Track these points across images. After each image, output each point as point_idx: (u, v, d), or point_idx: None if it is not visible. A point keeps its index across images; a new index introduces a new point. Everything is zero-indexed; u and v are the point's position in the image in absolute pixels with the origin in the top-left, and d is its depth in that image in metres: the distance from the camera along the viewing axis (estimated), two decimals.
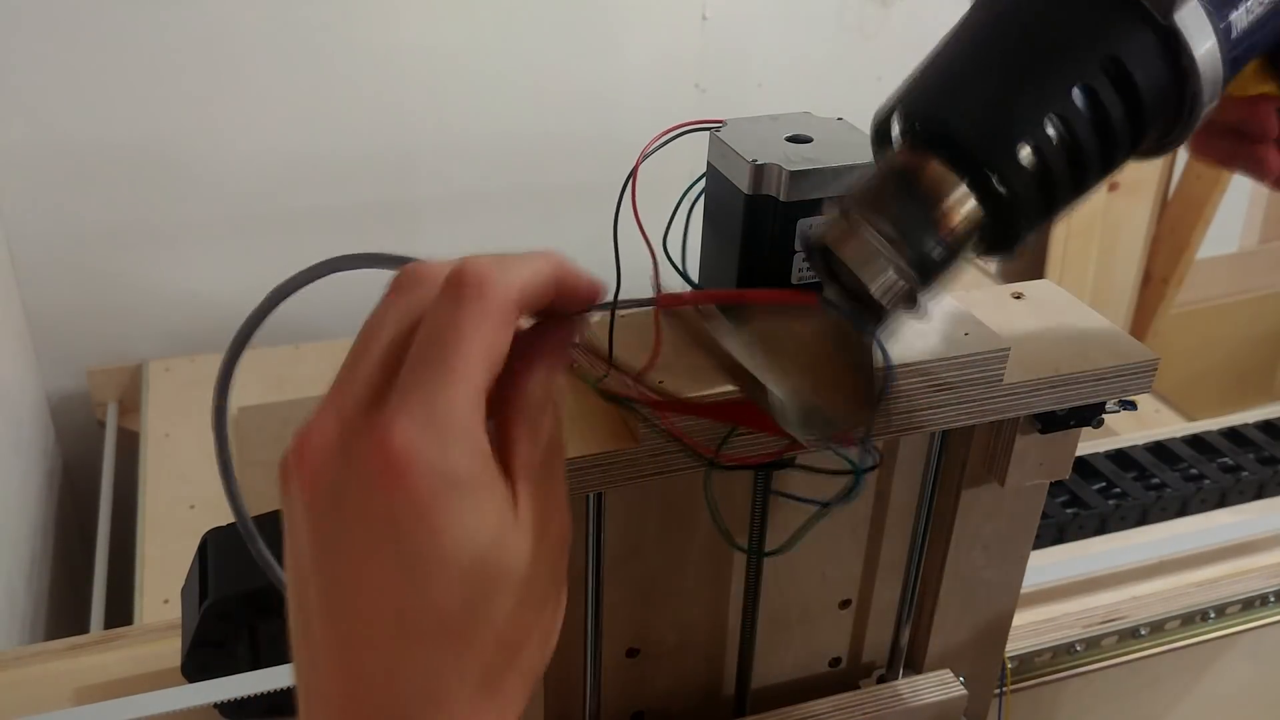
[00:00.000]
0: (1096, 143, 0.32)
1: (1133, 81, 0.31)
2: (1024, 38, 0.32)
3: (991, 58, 0.32)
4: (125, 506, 1.35)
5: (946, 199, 0.31)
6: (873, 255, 0.31)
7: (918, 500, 0.52)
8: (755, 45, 1.72)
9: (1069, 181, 0.32)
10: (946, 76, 0.33)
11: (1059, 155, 0.31)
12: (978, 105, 0.32)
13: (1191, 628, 0.74)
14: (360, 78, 1.55)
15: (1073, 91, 0.31)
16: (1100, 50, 0.31)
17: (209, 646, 0.61)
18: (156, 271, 1.57)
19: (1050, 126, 0.31)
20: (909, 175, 0.32)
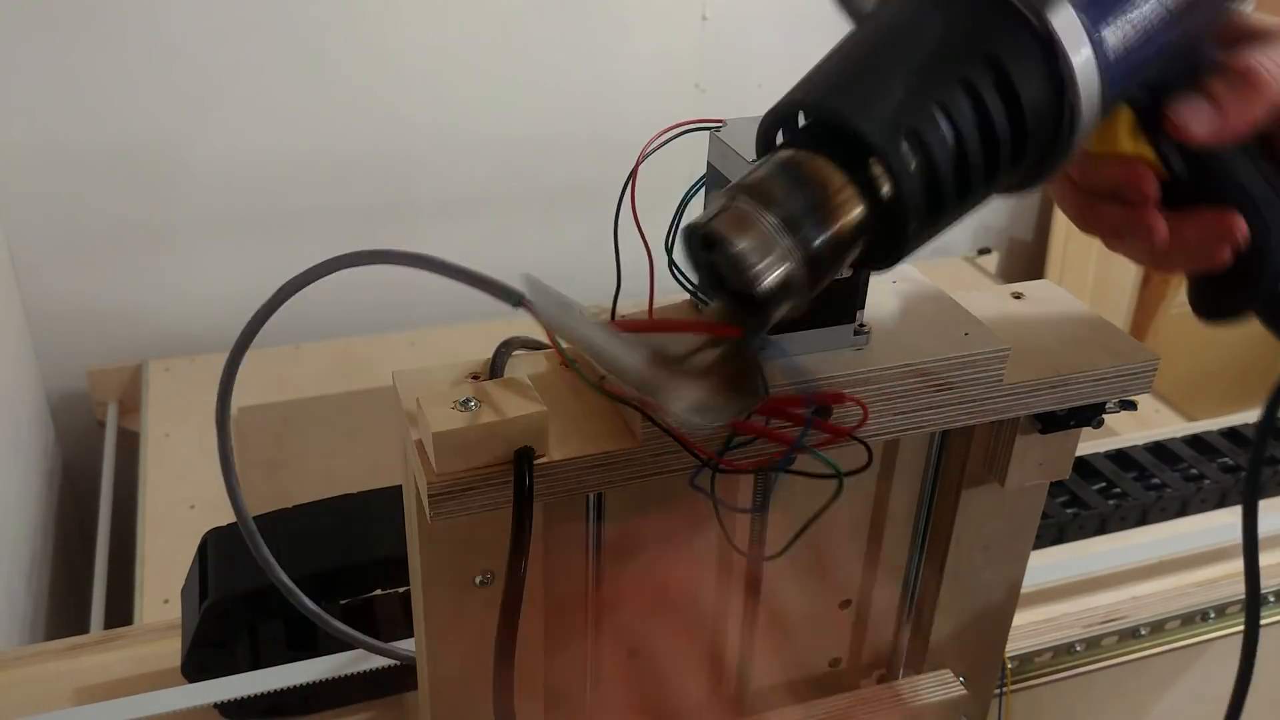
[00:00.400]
0: (979, 142, 0.32)
1: (1012, 81, 0.32)
2: (908, 38, 0.33)
3: (877, 56, 0.33)
4: (125, 506, 1.35)
5: (835, 194, 0.32)
6: (769, 244, 0.31)
7: (918, 500, 0.52)
8: (755, 45, 1.72)
9: (953, 182, 0.32)
10: (835, 74, 0.33)
11: (943, 150, 0.32)
12: (864, 97, 0.32)
13: (1191, 628, 0.74)
14: (360, 77, 1.55)
15: (955, 86, 0.32)
16: (981, 49, 0.32)
17: (209, 646, 0.61)
18: (156, 271, 1.57)
19: (934, 120, 0.31)
20: (798, 170, 0.32)
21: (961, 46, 0.33)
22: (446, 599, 0.44)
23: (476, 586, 0.44)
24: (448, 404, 0.39)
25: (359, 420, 1.42)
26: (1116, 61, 0.34)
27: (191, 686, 0.62)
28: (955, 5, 0.33)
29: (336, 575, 0.61)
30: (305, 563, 0.60)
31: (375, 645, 0.59)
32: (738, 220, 0.31)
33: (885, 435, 0.44)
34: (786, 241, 0.31)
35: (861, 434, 0.43)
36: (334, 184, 1.60)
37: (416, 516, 0.42)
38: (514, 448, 0.39)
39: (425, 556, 0.43)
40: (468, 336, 1.49)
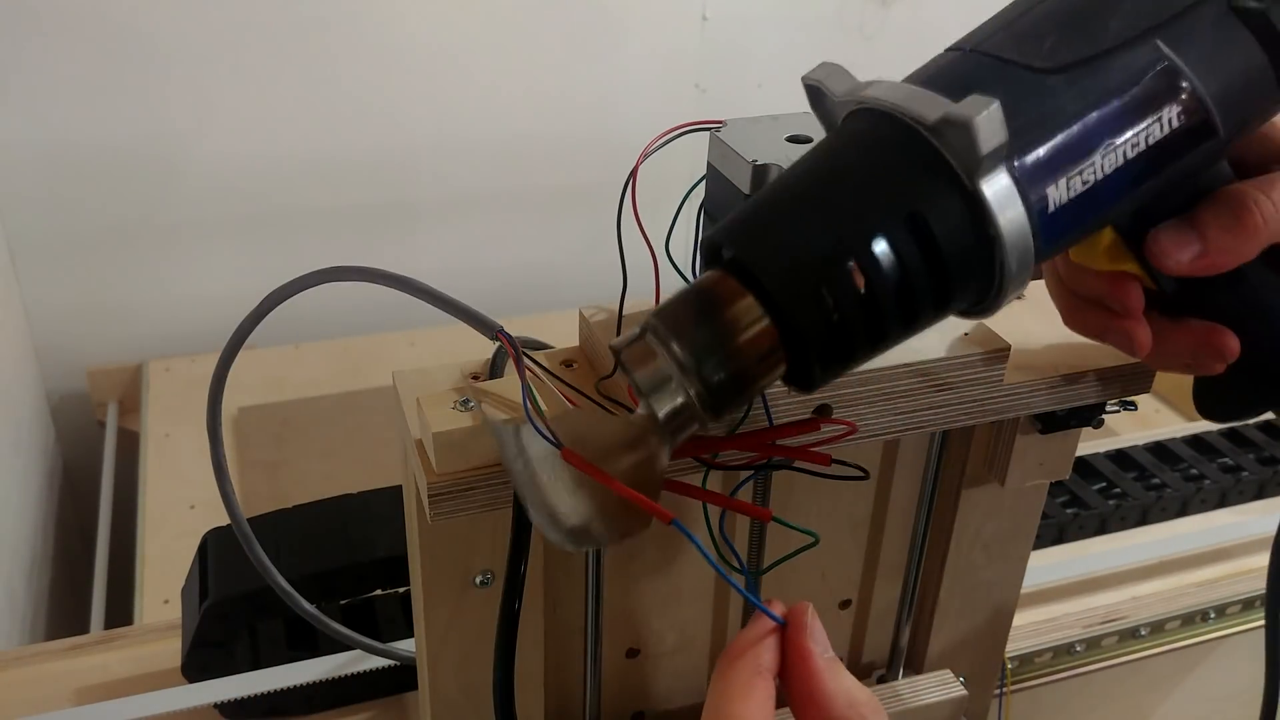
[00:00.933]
0: (895, 298, 0.31)
1: (935, 242, 0.31)
2: (836, 184, 0.32)
3: (803, 200, 0.33)
4: (125, 506, 1.35)
5: (744, 332, 0.31)
6: (663, 381, 0.32)
7: (918, 500, 0.52)
8: (755, 45, 1.72)
9: (865, 332, 0.32)
10: (763, 212, 0.33)
11: (855, 305, 0.31)
12: (782, 244, 0.32)
13: (1192, 628, 0.74)
14: (360, 78, 1.55)
15: (874, 242, 0.31)
16: (905, 205, 0.31)
17: (209, 646, 0.61)
18: (157, 271, 1.57)
19: (849, 275, 0.31)
20: (712, 300, 0.32)
21: (886, 198, 0.32)
22: (446, 599, 0.44)
23: (476, 587, 0.44)
24: (448, 404, 0.39)
25: (359, 420, 1.42)
26: (1058, 213, 0.32)
27: (191, 687, 0.62)
28: (886, 154, 0.32)
29: (336, 575, 0.61)
30: (305, 563, 0.60)
31: (374, 646, 0.59)
32: (640, 352, 0.32)
33: (885, 435, 0.44)
34: (683, 376, 0.31)
35: (862, 436, 0.43)
36: (334, 185, 1.60)
37: (416, 516, 0.42)
38: None
39: (425, 556, 0.43)
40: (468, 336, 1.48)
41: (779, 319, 0.31)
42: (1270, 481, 0.85)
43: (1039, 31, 0.34)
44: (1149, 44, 0.33)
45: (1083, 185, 0.33)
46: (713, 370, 0.31)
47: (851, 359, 0.33)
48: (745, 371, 0.32)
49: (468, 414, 0.38)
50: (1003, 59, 0.33)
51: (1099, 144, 0.33)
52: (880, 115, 0.33)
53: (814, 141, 0.42)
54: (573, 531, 0.33)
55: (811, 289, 0.31)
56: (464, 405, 0.39)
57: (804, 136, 0.42)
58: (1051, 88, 0.33)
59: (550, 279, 1.73)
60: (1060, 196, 0.32)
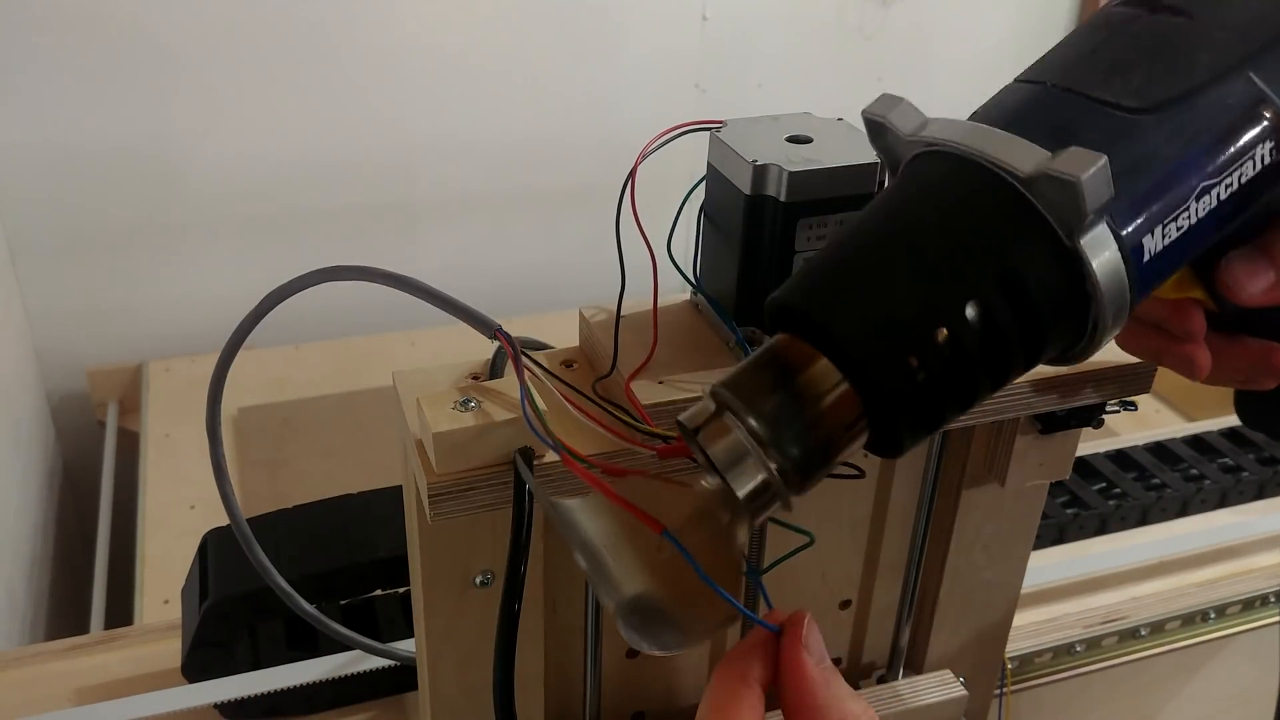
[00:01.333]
0: (986, 357, 0.30)
1: (1029, 300, 0.30)
2: (919, 240, 0.30)
3: (884, 259, 0.30)
4: (125, 507, 1.35)
5: (824, 399, 0.29)
6: (740, 456, 0.29)
7: (918, 500, 0.52)
8: (755, 45, 1.72)
9: (956, 394, 0.30)
10: (839, 271, 0.31)
11: (946, 369, 0.29)
12: (864, 308, 0.30)
13: (1192, 628, 0.74)
14: (360, 79, 1.55)
15: (965, 304, 0.29)
16: (998, 264, 0.29)
17: (209, 647, 0.61)
18: (157, 272, 1.57)
19: (939, 339, 0.29)
20: (788, 366, 0.30)
21: (977, 256, 0.29)
22: (446, 599, 0.44)
23: (476, 587, 0.44)
24: (448, 404, 0.39)
25: (359, 420, 1.42)
26: (1152, 262, 0.31)
27: (191, 687, 0.62)
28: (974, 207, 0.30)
29: (336, 576, 0.61)
30: (305, 563, 0.60)
31: (374, 646, 0.59)
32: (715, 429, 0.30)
33: None
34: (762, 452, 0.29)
35: None
36: (334, 185, 1.60)
37: (416, 516, 0.42)
38: (514, 448, 0.39)
39: (425, 557, 0.43)
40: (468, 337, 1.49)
41: (863, 386, 0.29)
42: (1270, 481, 0.85)
43: (1125, 65, 0.32)
44: (1242, 76, 0.31)
45: (1177, 231, 0.31)
46: (794, 444, 0.29)
47: (941, 422, 0.31)
48: (828, 441, 0.30)
49: (468, 414, 0.38)
50: (1088, 96, 0.31)
51: (1195, 188, 0.31)
52: (959, 161, 0.31)
53: (814, 141, 0.42)
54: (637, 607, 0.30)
55: (899, 355, 0.29)
56: (464, 405, 0.39)
57: (804, 137, 0.42)
58: (1144, 129, 0.31)
59: (550, 279, 1.73)
60: (1155, 245, 0.31)
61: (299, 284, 0.42)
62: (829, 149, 0.42)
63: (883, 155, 0.35)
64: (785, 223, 0.41)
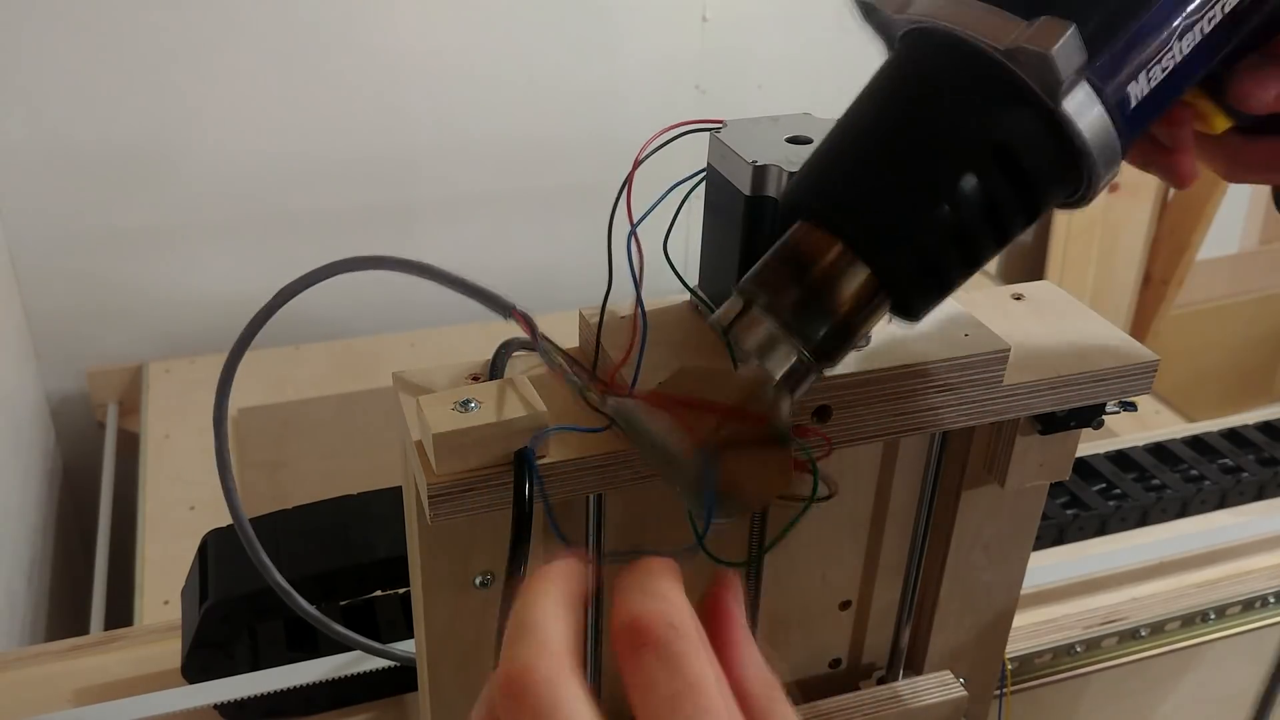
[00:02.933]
0: (986, 222, 0.32)
1: (1023, 166, 0.31)
2: (913, 124, 0.32)
3: (881, 145, 0.32)
4: (125, 508, 1.35)
5: (840, 281, 0.32)
6: (771, 344, 0.32)
7: (918, 501, 0.52)
8: (755, 46, 1.72)
9: (962, 262, 0.32)
10: (842, 162, 0.33)
11: (950, 241, 0.31)
12: (866, 194, 0.32)
13: (1192, 629, 0.74)
14: (360, 79, 1.55)
15: (963, 180, 0.31)
16: (989, 138, 0.31)
17: (209, 647, 0.61)
18: (157, 272, 1.57)
19: (942, 216, 0.31)
20: (804, 254, 0.32)
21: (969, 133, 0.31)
22: (446, 600, 0.44)
23: (476, 588, 0.44)
24: (448, 405, 0.39)
25: (359, 421, 1.42)
26: (1140, 106, 0.32)
27: (191, 687, 0.62)
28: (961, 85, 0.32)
29: (336, 576, 0.61)
30: (305, 564, 0.60)
31: (374, 647, 0.59)
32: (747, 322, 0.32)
33: (885, 436, 0.44)
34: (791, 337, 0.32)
35: (863, 436, 0.43)
36: (334, 185, 1.60)
37: (416, 517, 0.42)
38: (514, 448, 0.39)
39: (425, 557, 0.43)
40: (468, 337, 1.49)
41: (878, 265, 0.32)
42: (1270, 482, 0.85)
43: None
44: None
45: (1162, 73, 0.32)
46: (818, 325, 0.32)
47: (951, 285, 0.33)
48: (849, 319, 0.32)
49: (468, 415, 0.38)
50: None
51: (1176, 28, 0.32)
52: (945, 39, 0.32)
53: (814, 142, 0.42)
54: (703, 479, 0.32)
55: (907, 237, 0.31)
56: (464, 406, 0.39)
57: (804, 137, 0.42)
58: None
59: (550, 279, 1.72)
60: (1141, 90, 0.32)
61: (317, 276, 0.42)
62: None
63: (878, 31, 0.36)
64: (785, 224, 0.41)
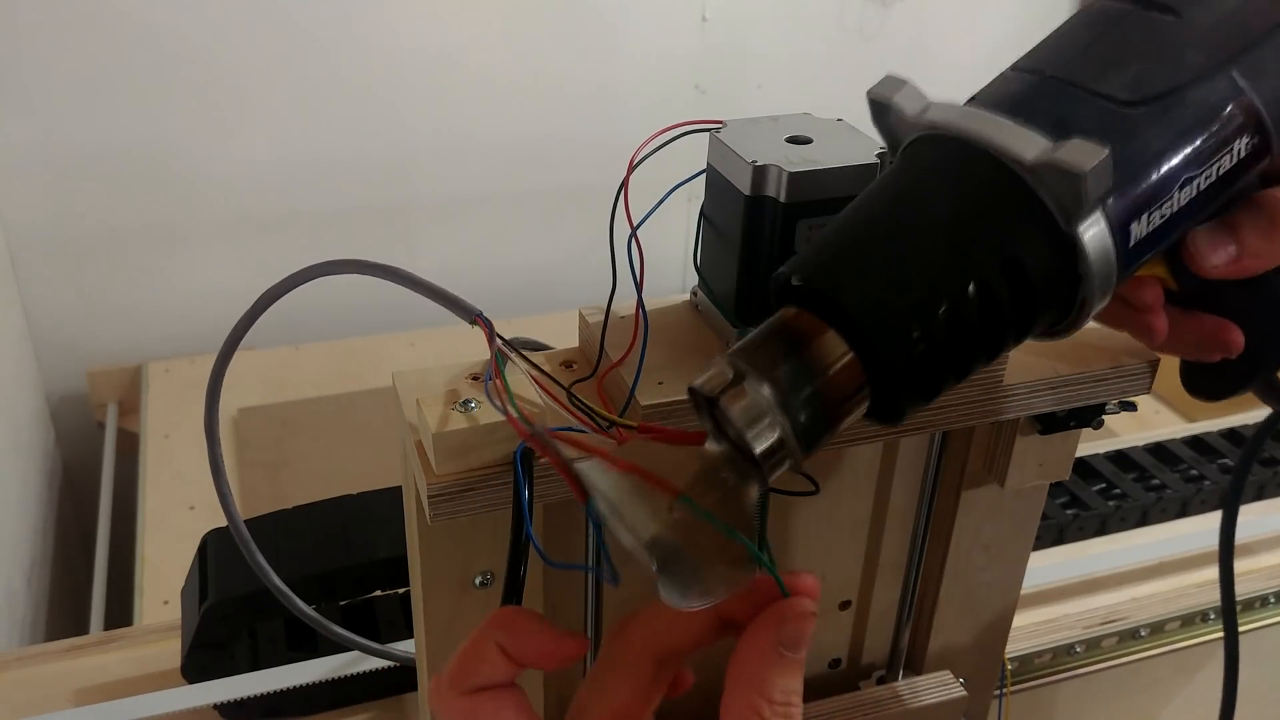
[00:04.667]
0: (982, 331, 0.32)
1: (1028, 281, 0.31)
2: (925, 221, 0.32)
3: (893, 242, 0.32)
4: (125, 508, 1.35)
5: (832, 369, 0.31)
6: (756, 417, 0.31)
7: (918, 501, 0.52)
8: (755, 46, 1.72)
9: (953, 366, 0.32)
10: (849, 249, 0.33)
11: (946, 344, 0.31)
12: (873, 287, 0.31)
13: (1191, 629, 0.74)
14: (359, 80, 1.55)
15: (965, 283, 0.31)
16: (1000, 247, 0.31)
17: (209, 647, 0.61)
18: (156, 273, 1.57)
19: (941, 317, 0.31)
20: (797, 337, 0.32)
21: (981, 240, 0.31)
22: (446, 600, 0.44)
23: (476, 588, 0.44)
24: (448, 405, 0.39)
25: (359, 421, 1.42)
26: (1136, 247, 0.33)
27: (191, 687, 0.62)
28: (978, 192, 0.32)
29: (336, 576, 0.61)
30: (305, 564, 0.60)
31: (373, 647, 0.59)
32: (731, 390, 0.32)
33: (885, 436, 0.44)
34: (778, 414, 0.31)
35: (863, 436, 0.43)
36: (333, 186, 1.60)
37: (416, 517, 0.42)
38: (513, 448, 0.39)
39: (425, 557, 0.43)
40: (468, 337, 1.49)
41: (868, 357, 0.31)
42: (1270, 482, 0.85)
43: (1119, 59, 0.34)
44: (1226, 75, 0.33)
45: (1161, 219, 0.33)
46: (805, 407, 0.31)
47: (938, 392, 0.33)
48: (836, 406, 0.32)
49: (468, 415, 0.38)
50: (1084, 88, 0.33)
51: (1179, 179, 0.33)
52: (964, 146, 0.32)
53: (814, 141, 0.42)
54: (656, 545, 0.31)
55: (901, 328, 0.31)
56: (464, 406, 0.39)
57: (804, 137, 0.42)
58: (1136, 123, 0.33)
59: (550, 279, 1.73)
60: (1141, 231, 0.33)
61: (293, 281, 0.42)
62: (829, 149, 0.42)
63: (884, 135, 0.36)
64: (785, 223, 0.41)
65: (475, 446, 0.38)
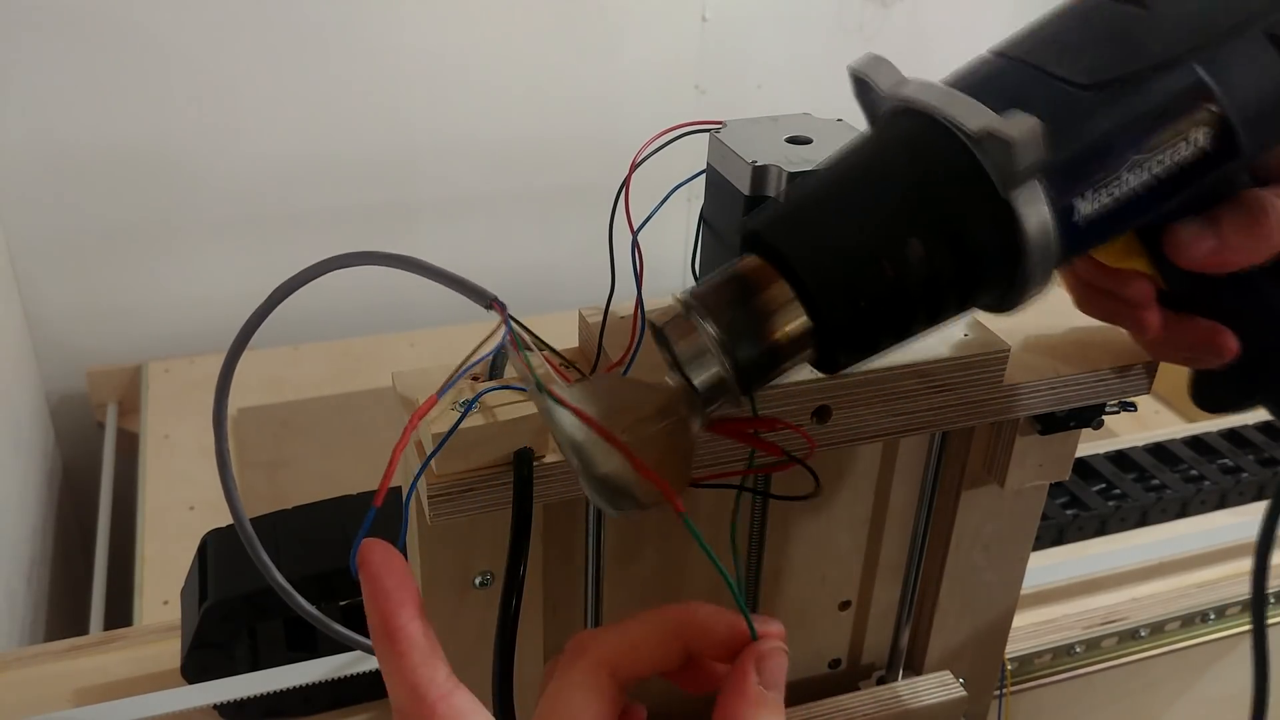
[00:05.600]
0: (921, 295, 0.33)
1: (965, 245, 0.33)
2: (875, 182, 0.34)
3: (842, 196, 0.34)
4: (125, 508, 1.35)
5: (776, 316, 0.33)
6: (700, 353, 0.34)
7: (918, 501, 0.52)
8: (755, 46, 1.72)
9: (890, 324, 0.34)
10: (804, 205, 0.35)
11: (883, 299, 0.33)
12: (818, 238, 0.33)
13: (1191, 629, 0.74)
14: (360, 80, 1.55)
15: (907, 242, 0.33)
16: (940, 209, 0.33)
17: (209, 648, 0.61)
18: (156, 272, 1.57)
19: (880, 271, 0.33)
20: (750, 284, 0.34)
21: (922, 201, 0.33)
22: (446, 600, 0.44)
23: (476, 588, 0.44)
24: (447, 405, 0.39)
25: (359, 421, 1.42)
26: (1083, 223, 0.34)
27: (191, 688, 0.62)
28: (925, 157, 0.33)
29: (336, 576, 0.61)
30: (305, 564, 0.60)
31: None
32: (681, 327, 0.34)
33: (885, 436, 0.44)
34: (719, 353, 0.33)
35: (863, 436, 0.43)
36: (333, 186, 1.60)
37: (416, 517, 0.42)
38: (514, 448, 0.39)
39: (425, 557, 0.43)
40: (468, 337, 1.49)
41: (810, 307, 0.33)
42: (1270, 483, 0.85)
43: (1081, 45, 0.35)
44: (1186, 66, 0.34)
45: (1110, 198, 0.34)
46: (746, 349, 0.33)
47: (876, 347, 0.35)
48: (776, 352, 0.34)
49: (468, 415, 0.38)
50: (1044, 71, 0.35)
51: (1126, 160, 0.34)
52: (922, 116, 0.34)
53: (814, 142, 0.42)
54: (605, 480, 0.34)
55: (843, 282, 0.33)
56: (463, 406, 0.39)
57: (804, 137, 0.42)
58: (1088, 104, 0.34)
59: (550, 279, 1.73)
60: (1087, 208, 0.34)
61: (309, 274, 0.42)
62: (829, 150, 0.42)
63: (865, 110, 0.38)
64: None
65: (475, 447, 0.38)
